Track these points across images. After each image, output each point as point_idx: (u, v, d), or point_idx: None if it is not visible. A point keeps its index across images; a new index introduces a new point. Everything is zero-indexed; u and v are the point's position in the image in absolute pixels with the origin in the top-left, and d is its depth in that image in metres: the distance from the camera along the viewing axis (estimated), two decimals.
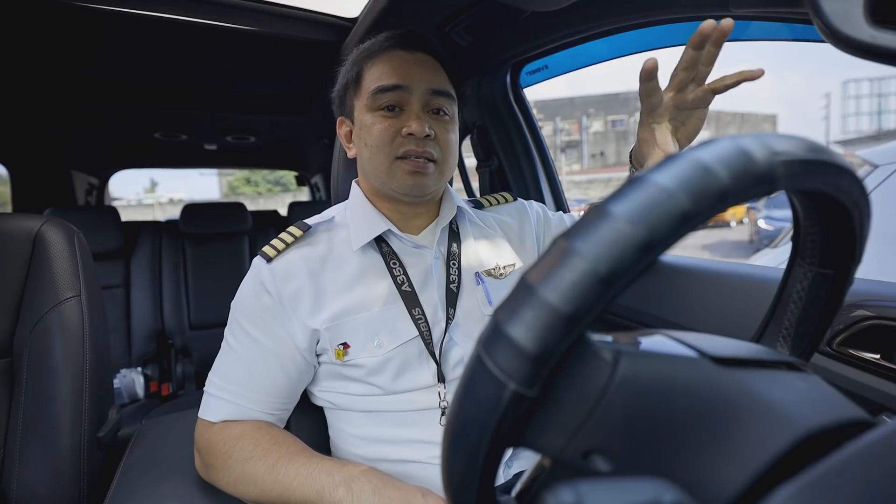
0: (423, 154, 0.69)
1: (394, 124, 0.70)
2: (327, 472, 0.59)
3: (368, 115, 0.71)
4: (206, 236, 2.30)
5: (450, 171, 0.76)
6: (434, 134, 0.70)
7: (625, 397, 0.26)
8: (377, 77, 0.71)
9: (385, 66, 0.72)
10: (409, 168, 0.69)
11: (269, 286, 0.68)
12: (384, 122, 0.70)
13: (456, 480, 0.26)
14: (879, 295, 0.64)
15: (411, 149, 0.69)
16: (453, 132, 0.75)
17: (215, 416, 0.68)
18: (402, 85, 0.70)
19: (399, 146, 0.69)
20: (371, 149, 0.71)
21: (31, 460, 0.80)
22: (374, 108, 0.71)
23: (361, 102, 0.73)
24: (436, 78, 0.73)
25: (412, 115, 0.70)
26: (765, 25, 0.78)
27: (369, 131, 0.71)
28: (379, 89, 0.70)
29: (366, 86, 0.72)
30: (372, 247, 0.74)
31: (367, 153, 0.72)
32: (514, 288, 0.25)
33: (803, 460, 0.22)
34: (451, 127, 0.74)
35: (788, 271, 0.38)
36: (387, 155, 0.70)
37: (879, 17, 0.30)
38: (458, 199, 0.82)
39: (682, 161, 0.24)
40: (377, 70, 0.72)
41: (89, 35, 1.22)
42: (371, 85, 0.71)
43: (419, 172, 0.69)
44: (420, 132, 0.68)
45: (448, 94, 0.74)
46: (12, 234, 0.86)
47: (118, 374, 1.91)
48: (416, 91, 0.70)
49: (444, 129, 0.73)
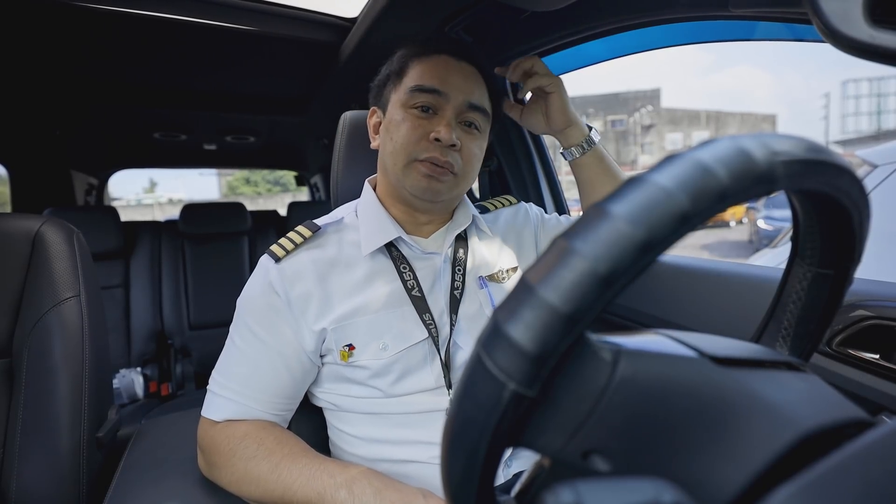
0: (444, 164, 0.69)
1: (423, 126, 0.70)
2: (329, 474, 0.59)
3: (400, 111, 0.72)
4: (206, 236, 2.30)
5: (467, 184, 0.75)
6: (460, 145, 0.70)
7: (624, 397, 0.26)
8: (419, 76, 0.72)
9: (430, 67, 0.72)
10: (426, 171, 0.69)
11: (277, 287, 0.68)
12: (414, 122, 0.70)
13: (455, 480, 0.26)
14: (879, 295, 0.64)
15: (435, 156, 0.69)
16: (479, 147, 0.75)
17: (219, 414, 0.68)
18: (440, 90, 0.70)
19: (423, 150, 0.69)
20: (395, 144, 0.71)
21: (31, 460, 0.80)
22: (409, 105, 0.71)
23: (398, 97, 0.73)
24: (476, 91, 0.73)
25: (443, 121, 0.70)
26: (764, 25, 0.78)
27: (398, 127, 0.71)
28: (417, 88, 0.71)
29: (406, 82, 0.73)
30: (381, 251, 0.73)
31: (389, 147, 0.72)
32: (514, 288, 0.25)
33: (803, 460, 0.22)
34: (478, 142, 0.74)
35: (788, 271, 0.38)
36: (407, 154, 0.70)
37: (879, 17, 0.30)
38: (472, 208, 0.82)
39: (682, 161, 0.24)
40: (421, 69, 0.72)
41: (89, 35, 1.22)
42: (411, 82, 0.72)
43: (434, 178, 0.69)
44: (447, 139, 0.68)
45: (484, 111, 0.74)
46: (12, 234, 0.86)
47: (118, 375, 1.90)
48: (453, 99, 0.71)
49: (472, 141, 0.73)
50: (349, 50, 1.25)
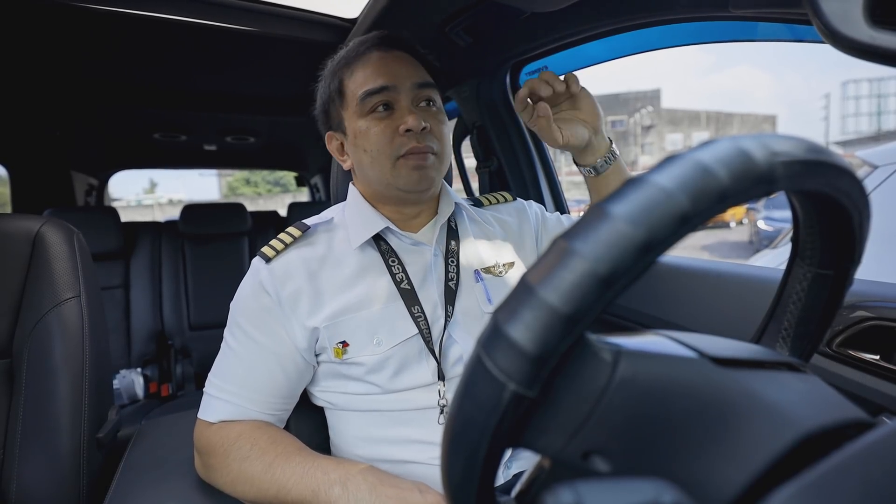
0: (424, 149, 0.70)
1: (389, 125, 0.70)
2: (323, 471, 0.59)
3: (361, 121, 0.71)
4: (206, 237, 2.30)
5: (447, 161, 0.76)
6: (429, 126, 0.71)
7: (624, 398, 0.26)
8: (361, 82, 0.71)
9: (366, 69, 0.72)
10: (413, 163, 0.70)
11: (268, 286, 0.68)
12: (379, 125, 0.70)
13: (455, 481, 0.26)
14: (879, 296, 0.64)
15: (413, 146, 0.69)
16: (445, 123, 0.76)
17: (214, 416, 0.68)
18: (388, 85, 0.70)
19: (400, 146, 0.69)
20: (371, 153, 0.71)
21: (31, 461, 0.80)
22: (365, 112, 0.71)
23: (350, 111, 0.73)
24: (417, 72, 0.73)
25: (405, 111, 0.70)
26: (764, 26, 0.78)
27: (366, 136, 0.70)
28: (367, 93, 0.70)
29: (351, 93, 0.72)
30: (371, 245, 0.74)
31: (367, 159, 0.71)
32: (514, 288, 0.25)
33: (803, 461, 0.22)
34: (442, 117, 0.75)
35: (788, 272, 0.38)
36: (388, 156, 0.70)
37: (879, 17, 0.30)
38: (455, 195, 0.82)
39: (682, 161, 0.24)
40: (359, 75, 0.72)
41: (89, 35, 1.22)
42: (357, 91, 0.71)
43: (422, 166, 0.70)
44: (417, 127, 0.68)
45: (433, 85, 0.75)
46: (12, 235, 0.86)
47: (118, 375, 1.90)
48: (402, 88, 0.71)
49: (437, 120, 0.74)
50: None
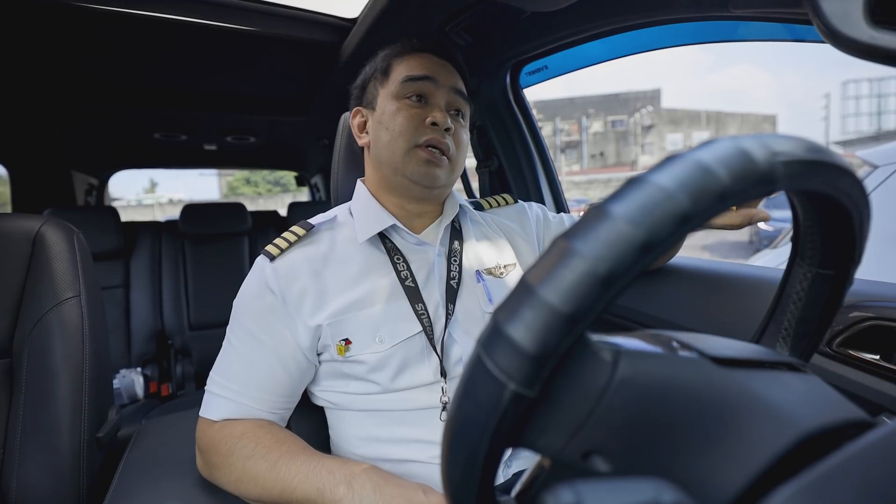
0: (442, 145, 0.73)
1: (419, 113, 0.73)
2: (328, 471, 0.59)
3: (394, 102, 0.75)
4: (206, 237, 2.30)
5: (459, 170, 0.79)
6: (453, 129, 0.75)
7: (624, 398, 0.26)
8: (409, 68, 0.76)
9: (416, 61, 0.77)
10: (426, 157, 0.72)
11: (272, 285, 0.68)
12: (410, 111, 0.73)
13: (455, 480, 0.26)
14: (879, 296, 0.64)
15: (434, 137, 0.72)
16: (467, 135, 0.81)
17: (217, 414, 0.68)
18: (431, 77, 0.75)
19: (421, 134, 0.72)
20: (392, 133, 0.73)
21: (31, 460, 0.80)
22: (402, 95, 0.75)
23: (388, 90, 0.76)
24: (458, 82, 0.79)
25: (436, 107, 0.74)
26: (764, 26, 0.78)
27: (393, 117, 0.74)
28: (409, 78, 0.74)
29: (395, 76, 0.76)
30: (375, 243, 0.75)
31: (386, 137, 0.74)
32: (514, 288, 0.25)
33: (803, 461, 0.22)
34: (465, 130, 0.80)
35: (788, 272, 0.38)
36: (407, 140, 0.72)
37: (879, 17, 0.30)
38: (459, 198, 0.84)
39: (682, 161, 0.24)
40: (408, 64, 0.76)
41: (89, 35, 1.22)
42: (402, 74, 0.75)
43: (433, 163, 0.73)
44: (443, 122, 0.72)
45: (466, 98, 0.80)
46: (12, 235, 0.86)
47: (118, 375, 1.90)
48: (442, 86, 0.75)
49: (461, 128, 0.78)
50: (349, 50, 1.26)
